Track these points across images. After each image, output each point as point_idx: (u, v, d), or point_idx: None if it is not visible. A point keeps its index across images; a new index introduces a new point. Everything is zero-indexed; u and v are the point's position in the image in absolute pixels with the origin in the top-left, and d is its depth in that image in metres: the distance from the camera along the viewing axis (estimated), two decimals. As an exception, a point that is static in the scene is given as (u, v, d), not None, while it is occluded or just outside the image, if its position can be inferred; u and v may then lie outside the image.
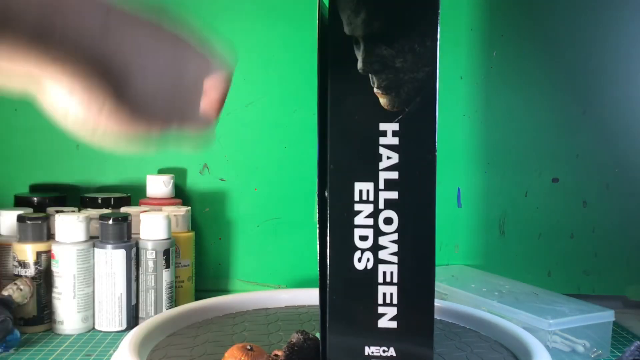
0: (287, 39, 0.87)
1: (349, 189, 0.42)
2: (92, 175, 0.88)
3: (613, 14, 0.87)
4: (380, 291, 0.42)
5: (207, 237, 0.89)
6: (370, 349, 0.43)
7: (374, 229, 0.42)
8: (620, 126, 0.88)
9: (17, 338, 0.65)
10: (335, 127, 0.42)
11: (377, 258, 0.42)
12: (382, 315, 0.42)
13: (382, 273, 0.42)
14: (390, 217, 0.42)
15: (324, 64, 0.42)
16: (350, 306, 0.42)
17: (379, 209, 0.42)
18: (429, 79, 0.44)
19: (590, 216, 0.89)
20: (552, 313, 0.63)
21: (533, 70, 0.88)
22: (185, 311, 0.62)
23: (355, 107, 0.42)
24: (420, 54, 0.44)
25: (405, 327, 0.42)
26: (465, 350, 0.55)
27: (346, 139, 0.42)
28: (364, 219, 0.42)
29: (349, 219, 0.42)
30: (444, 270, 0.85)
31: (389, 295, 0.42)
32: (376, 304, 0.42)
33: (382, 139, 0.42)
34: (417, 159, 0.42)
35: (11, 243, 0.72)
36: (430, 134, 0.42)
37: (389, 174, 0.42)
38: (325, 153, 0.42)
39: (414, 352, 0.43)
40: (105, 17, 0.32)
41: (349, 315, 0.42)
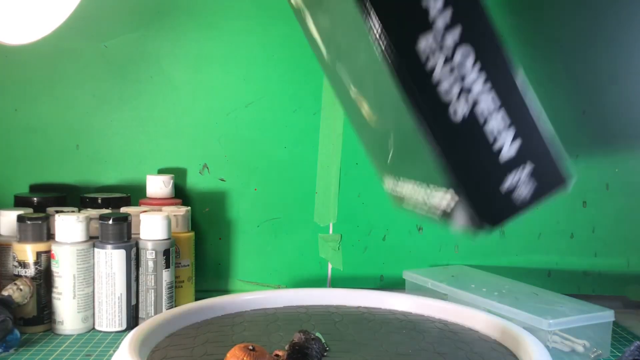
0: (287, 39, 0.87)
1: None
2: (92, 175, 0.88)
3: (613, 14, 0.87)
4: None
5: (207, 237, 0.89)
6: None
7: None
8: (620, 126, 0.88)
9: (17, 338, 0.65)
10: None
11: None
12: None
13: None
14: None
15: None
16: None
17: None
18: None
19: (590, 216, 0.89)
20: (552, 313, 0.63)
21: (533, 70, 0.88)
22: (185, 311, 0.62)
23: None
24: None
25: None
26: (465, 349, 0.55)
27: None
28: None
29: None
30: (444, 270, 0.85)
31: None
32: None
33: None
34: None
35: (11, 243, 0.72)
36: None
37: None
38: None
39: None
40: None
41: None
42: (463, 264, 0.89)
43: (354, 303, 0.69)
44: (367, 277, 0.90)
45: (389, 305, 0.69)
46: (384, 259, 0.90)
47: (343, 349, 0.55)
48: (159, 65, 0.86)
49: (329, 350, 0.54)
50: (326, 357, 0.53)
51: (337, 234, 0.89)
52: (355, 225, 0.89)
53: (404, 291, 0.82)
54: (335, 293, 0.71)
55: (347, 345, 0.56)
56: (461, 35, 0.40)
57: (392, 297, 0.69)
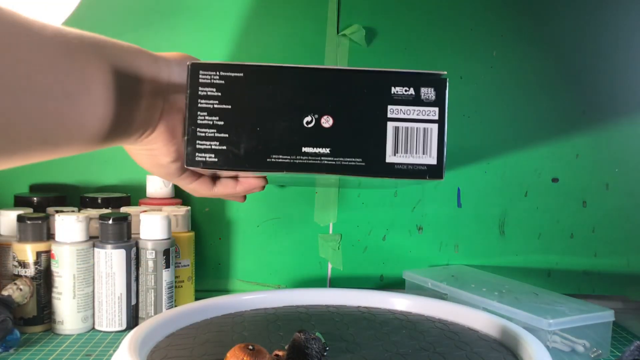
0: (287, 39, 0.87)
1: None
2: (92, 175, 0.88)
3: (613, 14, 0.87)
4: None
5: (207, 237, 0.89)
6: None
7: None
8: (620, 126, 0.88)
9: (17, 338, 0.65)
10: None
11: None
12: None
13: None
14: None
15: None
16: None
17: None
18: None
19: (590, 216, 0.89)
20: (552, 313, 0.63)
21: (533, 70, 0.88)
22: (185, 311, 0.62)
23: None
24: None
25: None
26: (465, 349, 0.55)
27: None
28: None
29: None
30: (444, 270, 0.85)
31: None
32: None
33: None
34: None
35: (11, 243, 0.72)
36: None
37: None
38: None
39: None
40: None
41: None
42: (463, 264, 0.89)
43: (354, 303, 0.69)
44: (367, 277, 0.90)
45: (389, 305, 0.69)
46: (384, 259, 0.90)
47: (343, 349, 0.55)
48: (159, 65, 0.85)
49: (329, 350, 0.54)
50: (326, 357, 0.53)
51: (337, 234, 0.89)
52: (355, 225, 0.89)
53: (404, 291, 0.82)
54: (335, 293, 0.71)
55: (347, 345, 0.56)
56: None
57: (392, 297, 0.69)
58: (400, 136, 0.42)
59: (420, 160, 0.42)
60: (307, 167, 0.41)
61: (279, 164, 0.41)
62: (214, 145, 0.41)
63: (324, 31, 0.87)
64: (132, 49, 0.41)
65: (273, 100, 0.41)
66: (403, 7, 0.87)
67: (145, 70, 0.41)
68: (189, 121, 0.41)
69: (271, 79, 0.41)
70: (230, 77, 0.41)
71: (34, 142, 0.33)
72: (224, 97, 0.41)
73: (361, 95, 0.41)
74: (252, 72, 0.41)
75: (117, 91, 0.38)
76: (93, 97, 0.36)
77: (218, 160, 0.41)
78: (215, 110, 0.41)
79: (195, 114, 0.41)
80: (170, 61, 0.45)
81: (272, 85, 0.41)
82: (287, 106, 0.41)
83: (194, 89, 0.41)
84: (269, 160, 0.41)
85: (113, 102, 0.38)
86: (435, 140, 0.42)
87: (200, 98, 0.41)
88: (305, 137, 0.41)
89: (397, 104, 0.42)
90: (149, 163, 0.47)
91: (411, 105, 0.42)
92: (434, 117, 0.42)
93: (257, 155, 0.41)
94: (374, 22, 0.87)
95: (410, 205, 0.89)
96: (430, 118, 0.42)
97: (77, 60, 0.35)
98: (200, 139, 0.41)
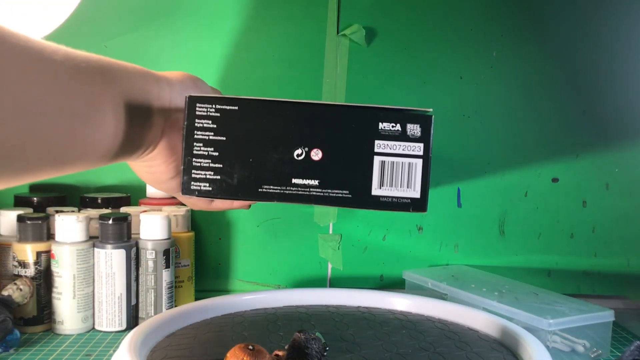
0: (287, 39, 0.87)
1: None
2: (92, 175, 0.88)
3: (613, 14, 0.87)
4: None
5: (207, 237, 0.89)
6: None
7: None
8: (620, 126, 0.88)
9: (17, 338, 0.65)
10: None
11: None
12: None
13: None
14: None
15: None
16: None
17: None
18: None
19: (590, 216, 0.89)
20: (552, 313, 0.63)
21: (533, 70, 0.88)
22: (185, 311, 0.62)
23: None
24: None
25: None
26: (465, 349, 0.55)
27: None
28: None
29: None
30: (444, 270, 0.85)
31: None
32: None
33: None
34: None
35: (11, 243, 0.72)
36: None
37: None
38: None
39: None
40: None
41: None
42: (463, 264, 0.89)
43: (354, 303, 0.69)
44: (367, 277, 0.90)
45: (389, 305, 0.69)
46: (384, 259, 0.90)
47: (343, 349, 0.55)
48: (159, 65, 0.85)
49: (328, 350, 0.54)
50: (326, 357, 0.53)
51: (337, 234, 0.89)
52: (355, 225, 0.89)
53: (404, 291, 0.82)
54: (335, 293, 0.71)
55: (347, 345, 0.56)
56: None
57: (392, 297, 0.69)
58: (386, 170, 0.43)
59: (405, 193, 0.44)
60: (297, 197, 0.43)
61: (269, 194, 0.43)
62: (208, 175, 0.43)
63: (324, 31, 0.87)
64: (137, 70, 0.43)
65: (266, 133, 0.43)
66: (403, 7, 0.87)
67: (149, 91, 0.43)
68: (186, 151, 0.43)
69: (264, 113, 0.43)
70: (225, 110, 0.43)
71: (44, 162, 0.35)
72: (219, 129, 0.43)
73: (350, 130, 0.43)
74: (246, 106, 0.43)
75: (124, 112, 0.39)
76: (101, 118, 0.37)
77: (212, 189, 0.43)
78: (210, 142, 0.43)
79: (191, 144, 0.43)
80: (172, 82, 0.46)
81: (265, 119, 0.43)
82: (279, 139, 0.43)
83: (190, 121, 0.43)
84: (260, 190, 0.43)
85: (120, 123, 0.39)
86: (419, 175, 0.43)
87: (196, 129, 0.43)
88: (296, 169, 0.43)
89: (384, 139, 0.43)
90: (150, 178, 0.49)
91: (397, 141, 0.43)
92: (419, 153, 0.43)
93: (249, 185, 0.43)
94: (374, 22, 0.87)
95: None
96: (415, 153, 0.43)
97: (86, 83, 0.36)
98: (195, 169, 0.43)
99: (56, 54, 0.34)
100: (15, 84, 0.31)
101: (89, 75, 0.37)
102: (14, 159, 0.32)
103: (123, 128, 0.40)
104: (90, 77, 0.37)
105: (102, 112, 0.38)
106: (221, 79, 0.87)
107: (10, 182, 0.34)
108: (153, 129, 0.44)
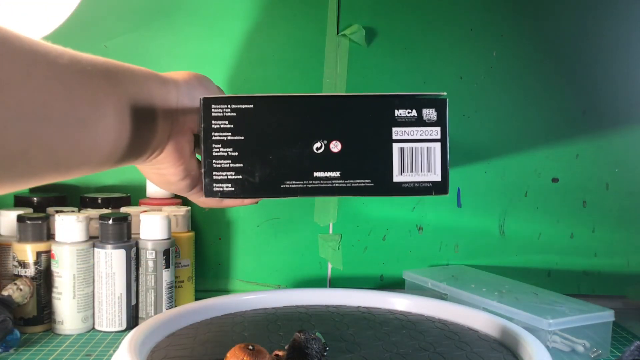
0: (287, 39, 0.87)
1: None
2: (92, 176, 0.88)
3: (613, 14, 0.87)
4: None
5: (207, 237, 0.89)
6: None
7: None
8: (620, 126, 0.88)
9: (17, 338, 0.65)
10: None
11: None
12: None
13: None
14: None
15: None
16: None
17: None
18: None
19: (590, 216, 0.89)
20: (552, 313, 0.63)
21: (533, 70, 0.88)
22: (185, 311, 0.62)
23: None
24: None
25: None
26: (465, 349, 0.55)
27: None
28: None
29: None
30: (444, 270, 0.85)
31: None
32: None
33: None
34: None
35: (11, 243, 0.72)
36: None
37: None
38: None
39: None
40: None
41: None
42: (463, 264, 0.89)
43: (354, 303, 0.69)
44: (367, 277, 0.90)
45: (389, 305, 0.69)
46: (384, 259, 0.90)
47: (343, 349, 0.55)
48: (159, 65, 0.85)
49: (328, 350, 0.54)
50: (326, 357, 0.53)
51: (337, 234, 0.89)
52: (355, 225, 0.89)
53: (404, 291, 0.82)
54: (335, 293, 0.71)
55: (347, 345, 0.56)
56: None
57: (392, 297, 0.69)
58: (406, 156, 0.44)
59: (426, 177, 0.44)
60: (320, 190, 0.43)
61: (292, 190, 0.43)
62: (230, 175, 0.43)
63: (324, 31, 0.87)
64: (143, 73, 0.42)
65: (283, 129, 0.43)
66: (403, 7, 0.87)
67: (155, 94, 0.43)
68: (205, 154, 0.43)
69: (280, 109, 0.43)
70: (241, 109, 0.43)
71: (47, 167, 0.34)
72: (236, 129, 0.43)
73: (367, 119, 0.43)
74: (262, 103, 0.43)
75: (129, 117, 0.39)
76: (106, 122, 0.37)
77: (235, 189, 0.43)
78: (229, 142, 0.43)
79: (210, 146, 0.43)
80: (179, 83, 0.46)
81: (281, 115, 0.43)
82: (297, 134, 0.43)
83: (207, 123, 0.43)
84: (283, 186, 0.43)
85: (125, 128, 0.39)
86: (438, 158, 0.44)
87: (213, 131, 0.43)
88: (316, 163, 0.43)
89: (401, 125, 0.44)
90: (158, 180, 0.48)
91: (414, 126, 0.44)
92: (436, 137, 0.44)
93: (271, 182, 0.43)
94: (374, 22, 0.87)
95: (410, 205, 0.89)
96: (433, 137, 0.44)
97: (92, 87, 0.36)
98: (216, 170, 0.43)
99: (61, 58, 0.34)
100: (19, 88, 0.30)
101: (95, 80, 0.36)
102: (17, 163, 0.32)
103: (128, 133, 0.39)
104: (96, 82, 0.37)
105: (107, 117, 0.37)
106: (221, 79, 0.86)
107: (14, 187, 0.33)
108: (159, 133, 0.43)
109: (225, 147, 0.43)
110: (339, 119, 0.43)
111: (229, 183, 0.43)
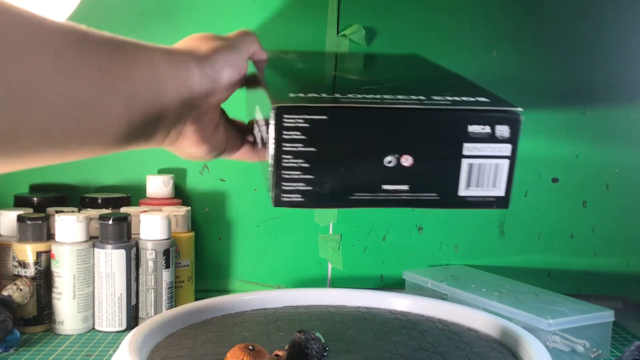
0: (287, 39, 0.87)
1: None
2: (92, 175, 0.88)
3: (613, 14, 0.87)
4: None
5: (207, 237, 0.89)
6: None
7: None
8: (620, 126, 0.88)
9: (17, 338, 0.65)
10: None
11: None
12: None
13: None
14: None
15: None
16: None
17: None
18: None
19: (590, 216, 0.89)
20: (552, 313, 0.63)
21: (533, 70, 0.88)
22: (185, 311, 0.62)
23: None
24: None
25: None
26: (465, 349, 0.55)
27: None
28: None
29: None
30: (444, 270, 0.85)
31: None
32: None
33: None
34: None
35: (11, 243, 0.72)
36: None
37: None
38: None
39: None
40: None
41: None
42: (463, 264, 0.89)
43: (354, 303, 0.69)
44: (367, 277, 0.90)
45: (389, 305, 0.69)
46: (384, 259, 0.90)
47: (343, 349, 0.55)
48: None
49: (329, 350, 0.54)
50: (326, 357, 0.53)
51: (337, 234, 0.89)
52: (355, 225, 0.89)
53: (404, 291, 0.82)
54: (335, 293, 0.71)
55: (347, 345, 0.56)
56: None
57: (392, 297, 0.69)
58: (474, 171, 0.43)
59: (490, 192, 0.43)
60: (387, 202, 0.43)
61: (360, 201, 0.43)
62: (299, 187, 0.42)
63: (324, 31, 0.87)
64: (162, 53, 0.39)
65: (356, 141, 0.42)
66: (403, 7, 0.87)
67: (173, 78, 0.40)
68: (275, 164, 0.42)
69: (354, 121, 0.42)
70: (314, 120, 0.42)
71: (42, 148, 0.32)
72: (309, 140, 0.42)
73: (440, 134, 0.42)
74: (336, 115, 0.42)
75: (139, 103, 0.36)
76: (111, 108, 0.34)
77: (304, 200, 0.42)
78: (300, 153, 0.42)
79: (280, 157, 0.41)
80: (203, 63, 0.43)
81: (355, 127, 0.42)
82: (370, 147, 0.42)
83: (279, 134, 0.41)
84: (351, 197, 0.42)
85: (134, 114, 0.36)
86: (505, 174, 0.43)
87: (284, 142, 0.41)
88: (386, 176, 0.42)
89: (473, 141, 0.43)
90: (181, 153, 0.46)
91: (486, 143, 0.43)
92: (506, 154, 0.43)
93: (340, 194, 0.42)
94: (374, 22, 0.87)
95: (410, 205, 0.89)
96: (502, 154, 0.43)
97: (95, 70, 0.33)
98: (285, 181, 0.42)
99: (69, 36, 0.31)
100: (10, 69, 0.28)
101: (100, 62, 0.33)
102: (4, 144, 0.29)
103: (137, 119, 0.36)
104: (102, 64, 0.33)
105: (113, 103, 0.34)
106: (221, 79, 0.86)
107: (5, 167, 0.31)
108: (174, 119, 0.40)
109: (297, 158, 0.42)
110: (412, 132, 0.42)
111: (298, 194, 0.42)
